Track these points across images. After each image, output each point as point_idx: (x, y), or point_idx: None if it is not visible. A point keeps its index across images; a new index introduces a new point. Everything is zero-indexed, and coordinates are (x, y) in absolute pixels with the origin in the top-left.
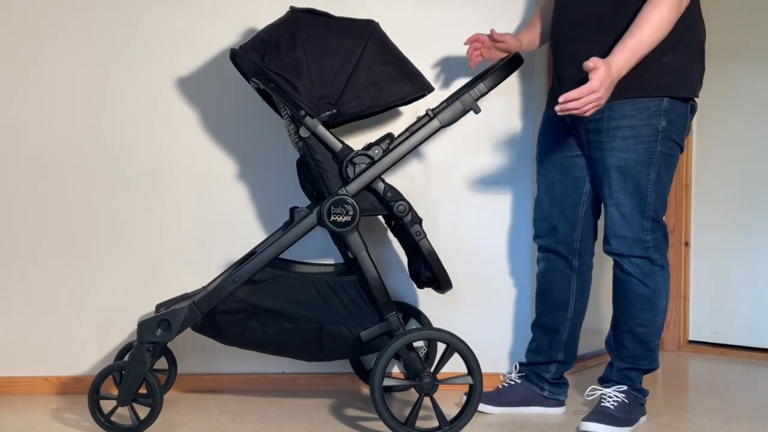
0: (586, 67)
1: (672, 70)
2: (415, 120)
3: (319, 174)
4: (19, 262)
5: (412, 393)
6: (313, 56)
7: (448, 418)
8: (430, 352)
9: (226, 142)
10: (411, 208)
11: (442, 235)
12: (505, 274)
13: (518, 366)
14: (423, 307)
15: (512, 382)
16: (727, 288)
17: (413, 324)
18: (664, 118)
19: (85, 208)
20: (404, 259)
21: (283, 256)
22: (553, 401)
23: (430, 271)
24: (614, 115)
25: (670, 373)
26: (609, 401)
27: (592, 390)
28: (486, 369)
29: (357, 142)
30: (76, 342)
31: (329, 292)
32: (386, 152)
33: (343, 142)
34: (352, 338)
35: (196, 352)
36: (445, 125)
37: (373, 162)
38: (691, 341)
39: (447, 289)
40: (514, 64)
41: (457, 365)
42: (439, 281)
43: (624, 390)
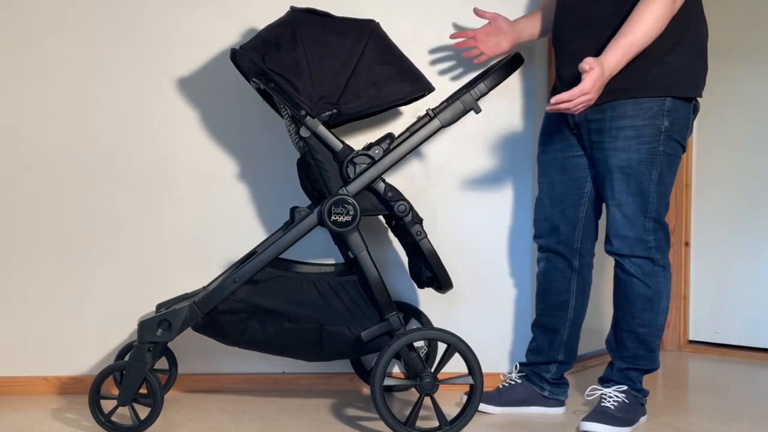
0: (581, 68)
1: (674, 70)
2: (416, 120)
3: (319, 174)
4: (19, 262)
5: (413, 393)
6: (313, 56)
7: (449, 418)
8: (430, 352)
9: (226, 142)
10: (411, 208)
11: (443, 235)
12: (505, 274)
13: (518, 366)
14: (423, 307)
15: (512, 382)
16: (727, 288)
17: (414, 324)
18: (667, 118)
19: (85, 207)
20: (405, 259)
21: (283, 256)
22: (553, 401)
23: (430, 271)
24: (616, 115)
25: (670, 373)
26: (609, 401)
27: (593, 390)
28: (486, 369)
29: (357, 142)
30: (76, 342)
31: (330, 292)
32: (387, 152)
33: (343, 142)
34: (353, 338)
35: (197, 352)
36: (445, 125)
37: (374, 162)
38: (691, 341)
39: (447, 289)
40: (515, 64)
41: (457, 365)
42: (440, 281)
43: (624, 390)
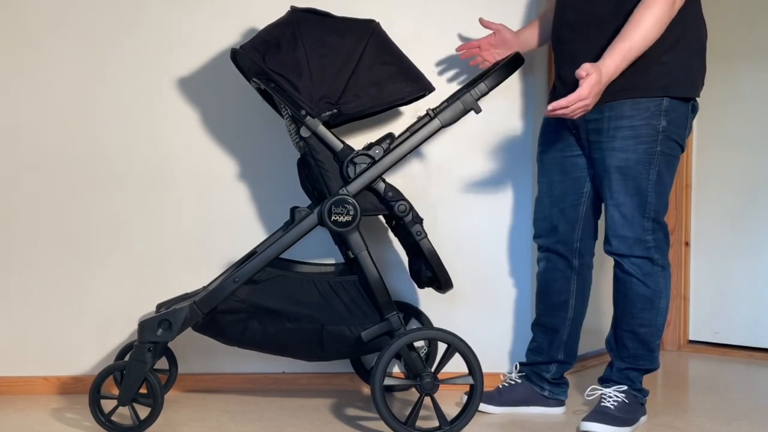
0: (578, 75)
1: (672, 70)
2: (416, 120)
3: (319, 174)
4: (19, 261)
5: (413, 393)
6: (313, 56)
7: (449, 418)
8: (430, 351)
9: (226, 142)
10: (412, 208)
11: (443, 235)
12: (505, 274)
13: (518, 366)
14: (423, 306)
15: (512, 382)
16: (728, 288)
17: (414, 324)
18: (664, 118)
19: (86, 207)
20: (405, 259)
21: (283, 256)
22: (553, 401)
23: (430, 271)
24: (614, 116)
25: (670, 373)
26: (609, 401)
27: (592, 390)
28: (486, 369)
29: (357, 142)
30: (77, 342)
31: (330, 292)
32: (387, 152)
33: (343, 142)
34: (353, 338)
35: (197, 351)
36: (445, 125)
37: (374, 162)
38: (691, 341)
39: (447, 289)
40: (515, 64)
41: (457, 365)
42: (440, 281)
43: (624, 390)
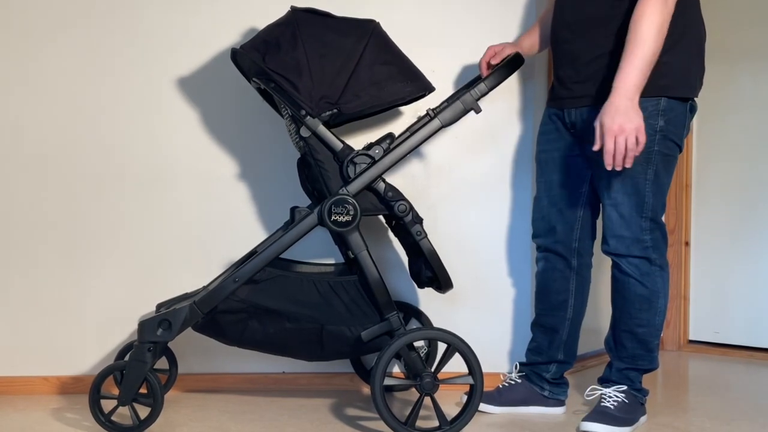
0: (596, 145)
1: (670, 70)
2: (416, 120)
3: (319, 174)
4: (19, 262)
5: (413, 393)
6: (313, 56)
7: (449, 418)
8: (430, 351)
9: (226, 142)
10: (412, 208)
11: (443, 235)
12: (505, 274)
13: (518, 366)
14: (423, 306)
15: (512, 382)
16: (728, 288)
17: (414, 324)
18: (662, 118)
19: (85, 208)
20: (405, 259)
21: (283, 256)
22: (553, 401)
23: (430, 271)
24: None
25: (670, 373)
26: (609, 401)
27: (592, 390)
28: (486, 369)
29: (357, 141)
30: (76, 342)
31: (330, 292)
32: (387, 152)
33: (343, 142)
34: (353, 338)
35: (197, 351)
36: (445, 125)
37: (374, 162)
38: (692, 341)
39: (447, 289)
40: (515, 64)
41: (457, 365)
42: (440, 281)
43: (624, 390)
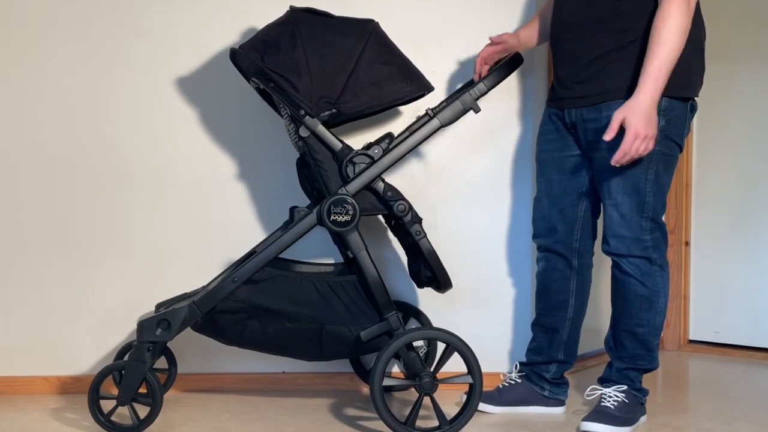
0: (611, 128)
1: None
2: (415, 119)
3: (318, 173)
4: (18, 261)
5: (412, 392)
6: (312, 56)
7: (448, 418)
8: (429, 351)
9: (226, 142)
10: (411, 208)
11: (442, 235)
12: (505, 274)
13: (518, 365)
14: (423, 306)
15: (512, 382)
16: (728, 288)
17: (413, 323)
18: (663, 118)
19: (85, 207)
20: (404, 259)
21: (282, 256)
22: (553, 401)
23: (430, 271)
24: (612, 115)
25: (670, 373)
26: (609, 401)
27: (592, 390)
28: (486, 368)
29: (357, 141)
30: (76, 342)
31: (329, 292)
32: (386, 152)
33: (342, 142)
34: (352, 338)
35: (196, 351)
36: (445, 124)
37: (373, 161)
38: (692, 341)
39: (447, 289)
40: (514, 64)
41: (457, 365)
42: (439, 281)
43: (624, 390)
